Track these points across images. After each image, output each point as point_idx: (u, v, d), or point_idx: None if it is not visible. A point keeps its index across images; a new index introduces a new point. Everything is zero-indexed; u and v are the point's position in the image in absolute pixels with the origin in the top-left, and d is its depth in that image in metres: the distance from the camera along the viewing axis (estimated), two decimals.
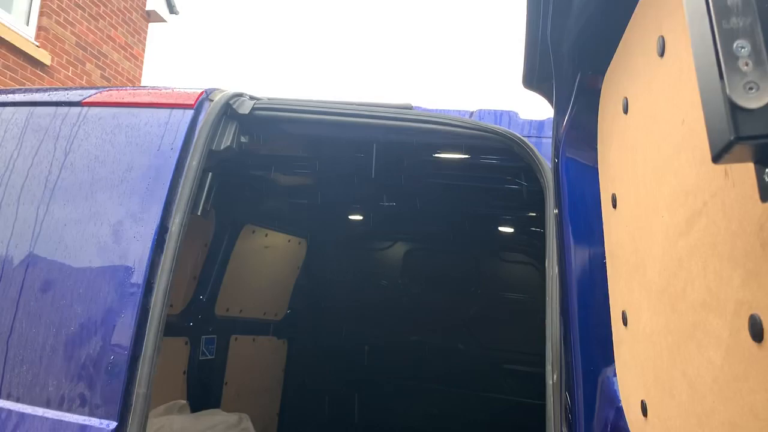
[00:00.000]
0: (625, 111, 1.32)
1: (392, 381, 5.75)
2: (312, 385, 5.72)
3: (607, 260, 1.51)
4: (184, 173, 2.00)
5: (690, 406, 0.99)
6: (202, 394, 4.42)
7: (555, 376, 1.74)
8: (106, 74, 9.30)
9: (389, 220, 5.57)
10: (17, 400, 1.96)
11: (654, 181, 1.14)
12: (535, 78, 1.70)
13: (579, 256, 1.64)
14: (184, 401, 4.08)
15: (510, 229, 5.17)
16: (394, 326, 5.80)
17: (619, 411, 1.43)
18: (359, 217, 5.54)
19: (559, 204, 1.69)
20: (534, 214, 4.33)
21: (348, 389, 5.74)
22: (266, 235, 5.06)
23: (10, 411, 1.95)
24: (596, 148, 1.54)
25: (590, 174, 1.59)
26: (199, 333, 4.44)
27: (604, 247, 1.55)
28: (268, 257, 5.24)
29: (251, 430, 4.03)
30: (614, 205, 1.43)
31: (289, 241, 5.40)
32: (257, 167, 3.64)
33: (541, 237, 5.17)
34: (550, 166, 1.93)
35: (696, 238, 0.94)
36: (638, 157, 1.25)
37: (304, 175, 4.04)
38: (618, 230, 1.41)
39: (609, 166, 1.47)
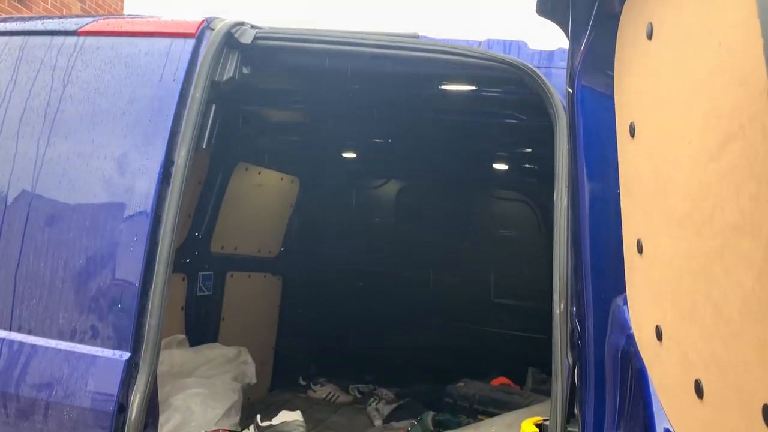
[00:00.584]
0: (649, 36, 1.30)
1: (385, 316, 5.86)
2: (307, 320, 5.81)
3: (622, 190, 1.52)
4: (188, 105, 1.96)
5: (714, 329, 1.01)
6: (200, 329, 4.48)
7: (562, 306, 1.77)
8: (86, 6, 8.99)
9: (383, 157, 5.55)
10: (29, 333, 1.97)
11: (681, 106, 1.13)
12: (549, 4, 1.66)
13: (592, 188, 1.64)
14: (183, 336, 4.14)
15: (504, 166, 5.17)
16: (387, 263, 5.86)
17: (630, 338, 1.47)
18: (352, 155, 5.51)
19: (572, 135, 1.68)
20: (530, 150, 4.32)
21: (342, 324, 5.84)
22: (259, 173, 5.03)
23: (22, 343, 1.96)
24: (614, 77, 1.52)
25: (607, 103, 1.57)
26: (195, 269, 4.46)
27: (618, 178, 1.55)
28: (262, 195, 5.23)
29: (250, 363, 4.12)
30: (632, 134, 1.42)
31: (281, 179, 5.38)
32: (253, 102, 3.57)
33: (536, 174, 5.21)
34: (560, 97, 1.91)
35: (729, 161, 0.94)
36: (662, 84, 1.23)
37: (302, 111, 3.98)
38: (635, 159, 1.40)
39: (627, 95, 1.45)
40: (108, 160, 1.98)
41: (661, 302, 1.27)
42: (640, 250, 1.38)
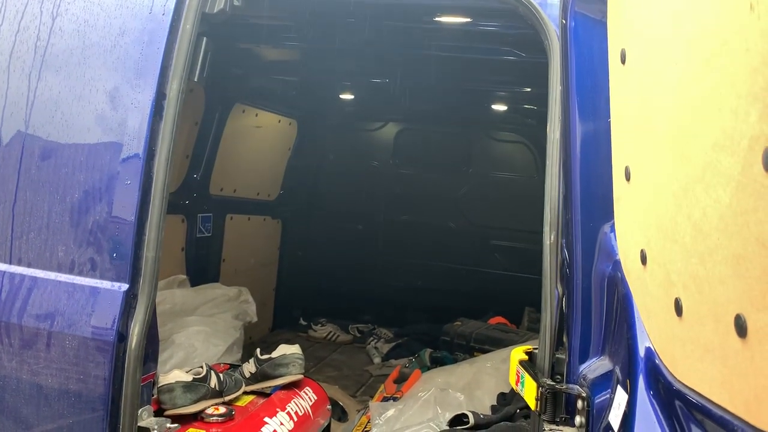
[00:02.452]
0: None
1: (384, 258, 5.93)
2: (306, 262, 5.88)
3: (612, 118, 1.52)
4: (179, 37, 1.94)
5: (692, 247, 1.04)
6: (201, 270, 4.54)
7: (552, 237, 1.80)
8: None
9: (381, 99, 5.50)
10: (29, 266, 2.01)
11: (669, 27, 1.13)
12: None
13: (584, 118, 1.65)
14: (184, 276, 4.20)
15: (504, 107, 5.13)
16: (385, 206, 5.90)
17: (617, 264, 1.50)
18: (350, 97, 5.46)
19: (565, 65, 1.68)
20: (529, 90, 4.28)
21: (341, 266, 5.92)
22: (256, 115, 5.00)
23: (23, 275, 2.00)
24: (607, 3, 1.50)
25: (600, 31, 1.56)
26: (195, 211, 4.49)
27: (609, 107, 1.55)
28: (260, 138, 5.21)
29: (251, 302, 4.19)
30: (623, 61, 1.41)
31: (279, 121, 5.36)
32: (246, 38, 3.53)
33: (535, 115, 5.17)
34: (555, 27, 1.89)
35: (713, 80, 0.94)
36: (653, 8, 1.22)
37: (294, 48, 3.93)
38: (626, 86, 1.40)
39: (619, 21, 1.44)
40: (100, 94, 1.97)
41: (646, 227, 1.29)
42: (627, 177, 1.40)
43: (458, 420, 2.76)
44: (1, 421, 2.02)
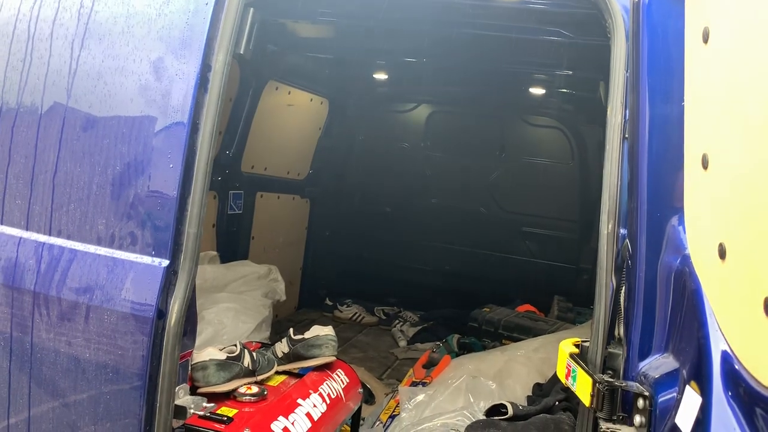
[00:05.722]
0: None
1: (412, 241, 5.86)
2: (334, 242, 5.85)
3: (687, 102, 1.43)
4: (225, 7, 1.87)
5: None
6: (231, 247, 4.53)
7: (610, 226, 1.71)
8: None
9: (414, 80, 5.40)
10: (68, 238, 1.97)
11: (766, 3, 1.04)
12: None
13: (654, 101, 1.56)
14: (215, 252, 4.19)
15: (541, 90, 5.00)
16: (415, 189, 5.82)
17: (686, 258, 1.41)
18: (383, 77, 5.36)
19: (635, 45, 1.58)
20: (570, 73, 4.15)
21: (369, 247, 5.87)
22: (289, 93, 4.94)
23: (62, 248, 1.97)
24: None
25: (676, 9, 1.47)
26: (226, 188, 4.47)
27: (683, 90, 1.46)
28: (291, 116, 5.16)
29: (280, 280, 4.17)
30: (705, 40, 1.32)
31: (311, 100, 5.29)
32: (282, 13, 3.45)
33: (574, 99, 5.03)
34: (619, 7, 1.78)
35: None
36: None
37: (329, 24, 3.84)
38: (708, 67, 1.31)
39: None
40: (144, 65, 1.92)
41: (727, 219, 1.20)
42: (705, 165, 1.31)
43: (495, 410, 2.70)
44: (38, 393, 2.00)
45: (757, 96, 1.09)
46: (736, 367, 1.12)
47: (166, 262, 1.85)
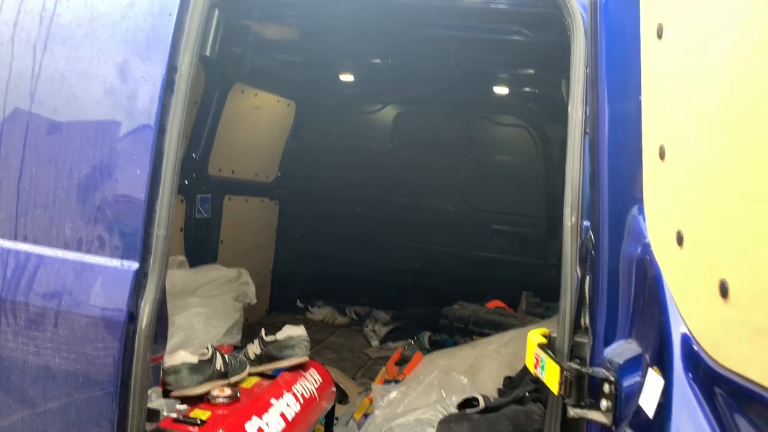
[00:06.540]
0: None
1: (382, 241, 5.89)
2: (304, 244, 5.84)
3: (644, 96, 1.48)
4: (191, 8, 1.87)
5: (747, 227, 1.00)
6: (199, 251, 4.49)
7: (573, 218, 1.76)
8: None
9: (381, 81, 5.43)
10: (35, 243, 1.95)
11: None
12: None
13: (613, 97, 1.61)
14: (183, 257, 4.15)
15: (505, 90, 5.07)
16: (384, 189, 5.85)
17: (646, 246, 1.46)
18: (350, 78, 5.38)
19: (593, 41, 1.63)
20: (532, 72, 4.23)
21: (339, 248, 5.88)
22: (255, 95, 4.92)
23: (29, 253, 1.94)
24: None
25: (630, 6, 1.52)
26: (193, 192, 4.43)
27: (640, 84, 1.51)
28: (258, 118, 5.14)
29: (250, 284, 4.15)
30: (659, 36, 1.37)
31: (278, 102, 5.28)
32: (247, 15, 3.45)
33: (537, 98, 5.11)
34: (578, 5, 1.83)
35: None
36: None
37: (294, 27, 3.85)
38: (662, 62, 1.36)
39: None
40: (109, 67, 1.90)
41: (684, 206, 1.25)
42: (662, 156, 1.36)
43: (467, 403, 2.74)
44: (6, 401, 1.97)
45: (710, 88, 1.14)
46: (695, 348, 1.17)
47: (135, 265, 1.84)
